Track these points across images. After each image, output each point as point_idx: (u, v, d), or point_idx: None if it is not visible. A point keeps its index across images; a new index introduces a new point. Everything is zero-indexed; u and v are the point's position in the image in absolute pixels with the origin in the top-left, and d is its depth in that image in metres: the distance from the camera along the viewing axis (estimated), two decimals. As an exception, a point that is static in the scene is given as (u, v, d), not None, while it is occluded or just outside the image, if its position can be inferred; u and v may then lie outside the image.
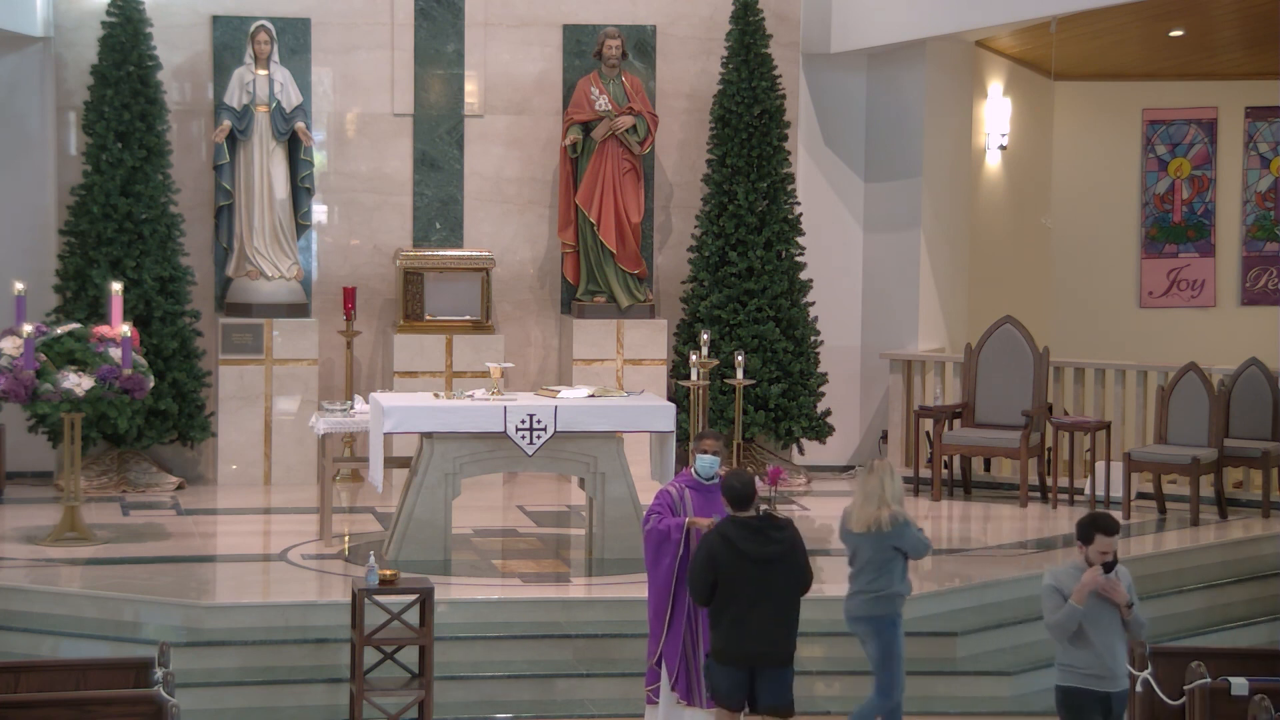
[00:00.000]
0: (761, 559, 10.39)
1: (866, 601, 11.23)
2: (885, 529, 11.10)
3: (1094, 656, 9.73)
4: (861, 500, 11.18)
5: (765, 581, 10.41)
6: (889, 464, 11.33)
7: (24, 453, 16.97)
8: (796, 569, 10.50)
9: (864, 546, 11.20)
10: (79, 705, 9.24)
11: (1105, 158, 20.02)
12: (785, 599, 10.48)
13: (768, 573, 10.40)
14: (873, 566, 11.17)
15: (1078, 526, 9.90)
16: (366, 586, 11.65)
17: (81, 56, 17.04)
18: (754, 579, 10.40)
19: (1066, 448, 16.75)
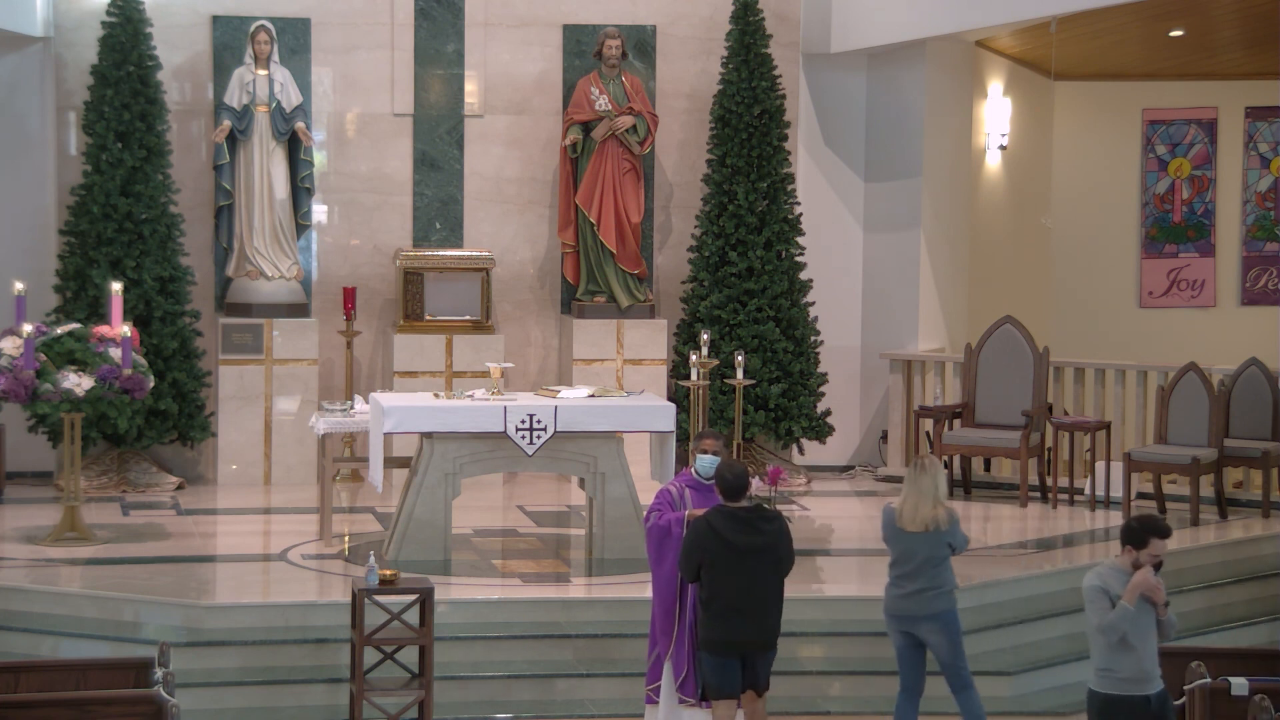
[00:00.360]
0: (748, 549, 10.54)
1: (930, 598, 11.25)
2: (943, 528, 11.13)
3: (1135, 660, 9.63)
4: (916, 499, 11.20)
5: (751, 571, 10.55)
6: (933, 460, 11.36)
7: (24, 453, 16.97)
8: (780, 558, 10.65)
9: (920, 546, 11.20)
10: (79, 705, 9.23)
11: (1105, 158, 20.02)
12: (772, 588, 10.66)
13: (753, 563, 10.55)
14: (930, 564, 11.22)
15: (1127, 530, 9.72)
16: (366, 586, 11.64)
17: (81, 56, 17.04)
18: (740, 569, 10.54)
19: (1066, 448, 16.75)
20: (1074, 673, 12.97)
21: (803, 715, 12.37)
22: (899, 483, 17.50)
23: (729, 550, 10.53)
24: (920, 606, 11.27)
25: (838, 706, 12.46)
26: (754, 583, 10.58)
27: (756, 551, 10.56)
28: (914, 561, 11.23)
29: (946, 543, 11.20)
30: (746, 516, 10.59)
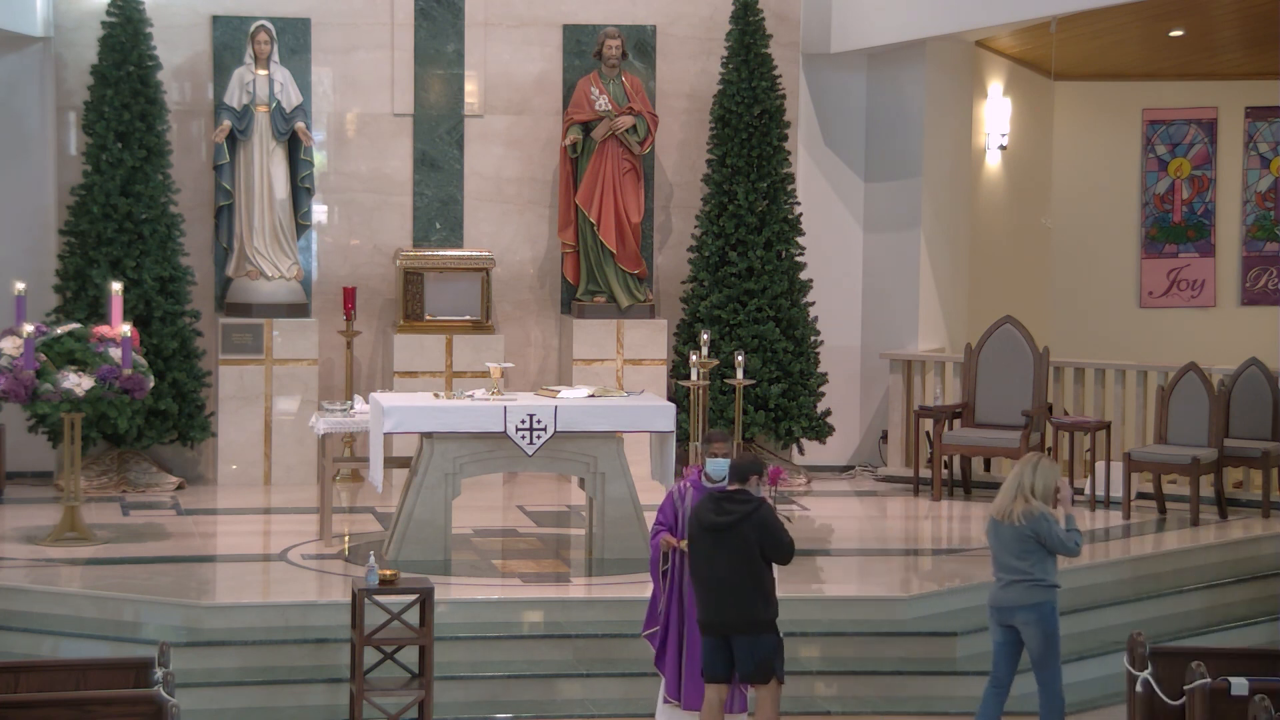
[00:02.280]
0: (712, 528, 10.74)
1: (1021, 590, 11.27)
2: (1018, 523, 11.14)
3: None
4: (1004, 488, 11.29)
5: (716, 550, 10.75)
6: (1042, 459, 11.35)
7: (24, 453, 16.97)
8: (750, 537, 10.71)
9: (1004, 537, 11.25)
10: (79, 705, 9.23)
11: (1105, 158, 20.02)
12: (739, 567, 10.74)
13: (718, 542, 10.74)
14: (1016, 556, 11.22)
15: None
16: (366, 586, 11.64)
17: (81, 56, 17.04)
18: (708, 548, 10.79)
19: (1066, 448, 16.75)
20: (1074, 672, 12.97)
21: (802, 715, 12.37)
22: (899, 483, 17.53)
23: (700, 529, 10.81)
24: (1012, 597, 11.30)
25: (838, 706, 12.46)
26: (719, 563, 10.76)
27: (719, 530, 10.73)
28: (1002, 553, 11.28)
29: (1030, 536, 11.18)
30: (720, 497, 10.79)
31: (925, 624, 13.09)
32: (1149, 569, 14.52)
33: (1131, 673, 10.43)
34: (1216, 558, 14.96)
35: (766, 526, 10.77)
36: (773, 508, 10.94)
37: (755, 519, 10.75)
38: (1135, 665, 10.42)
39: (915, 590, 13.46)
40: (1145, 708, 10.37)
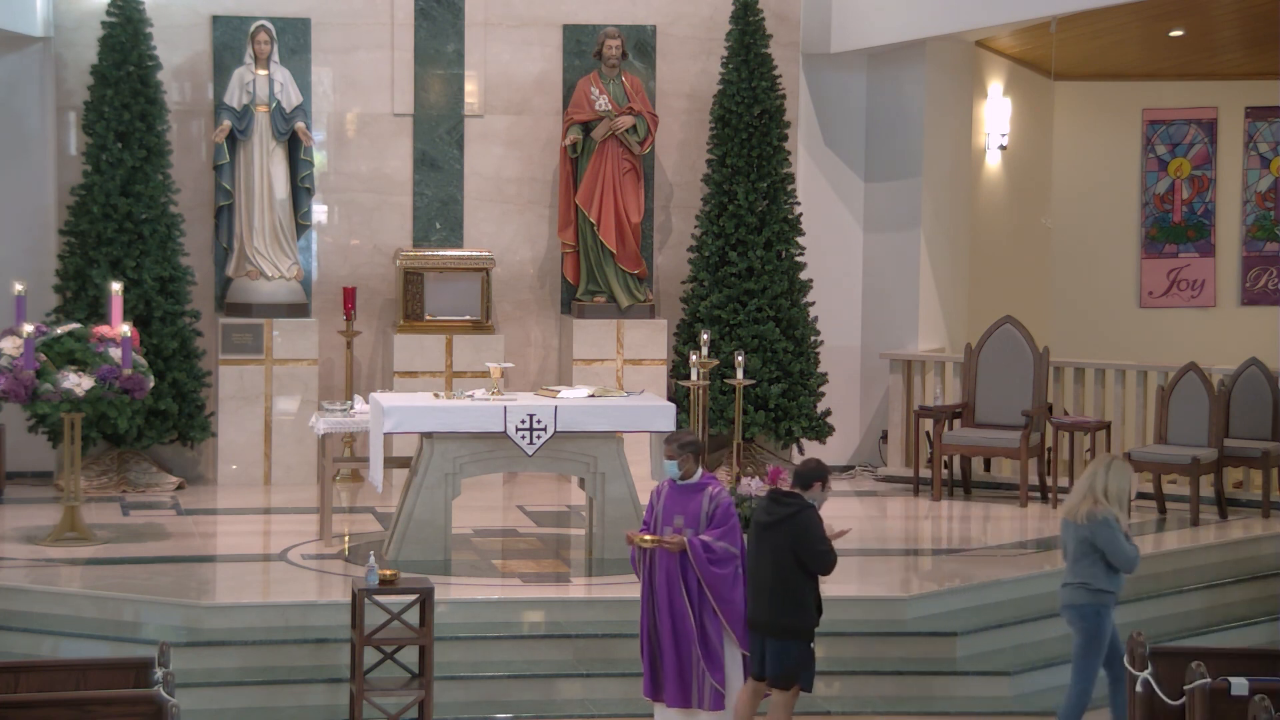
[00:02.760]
0: (760, 526, 10.92)
1: (1069, 591, 11.35)
2: (1081, 522, 11.15)
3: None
4: (1076, 487, 11.35)
5: (761, 549, 10.90)
6: (1116, 459, 11.36)
7: (24, 453, 16.97)
8: (785, 542, 10.79)
9: (1068, 535, 11.30)
10: (79, 705, 9.23)
11: (1105, 158, 20.02)
12: (774, 570, 10.84)
13: (762, 541, 10.89)
14: (1071, 557, 11.30)
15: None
16: (366, 586, 11.64)
17: (81, 56, 17.04)
18: (756, 545, 10.96)
19: (1066, 448, 16.75)
20: (1074, 673, 12.98)
21: (802, 715, 12.35)
22: (899, 483, 17.52)
23: (754, 526, 11.00)
24: (1064, 597, 11.39)
25: (838, 706, 12.46)
26: (764, 562, 10.91)
27: (764, 529, 10.88)
28: (1066, 552, 11.33)
29: (1088, 539, 11.17)
30: (772, 497, 10.96)
31: (925, 624, 13.09)
32: (1149, 569, 14.49)
33: (1131, 673, 10.42)
34: (1216, 558, 14.96)
35: (802, 533, 10.83)
36: (816, 515, 10.95)
37: (792, 523, 10.82)
38: (1135, 665, 10.41)
39: (915, 590, 13.46)
40: (1145, 708, 10.37)
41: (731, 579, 11.01)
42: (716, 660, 11.05)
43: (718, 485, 11.14)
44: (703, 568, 10.96)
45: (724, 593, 11.01)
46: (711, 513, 11.02)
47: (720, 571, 10.99)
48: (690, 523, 11.02)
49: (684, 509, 11.05)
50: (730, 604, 11.02)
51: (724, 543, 10.99)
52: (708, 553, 10.96)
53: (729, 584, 11.01)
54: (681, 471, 11.14)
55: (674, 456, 11.15)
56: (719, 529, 10.99)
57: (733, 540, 11.02)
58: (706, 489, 11.09)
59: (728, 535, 11.01)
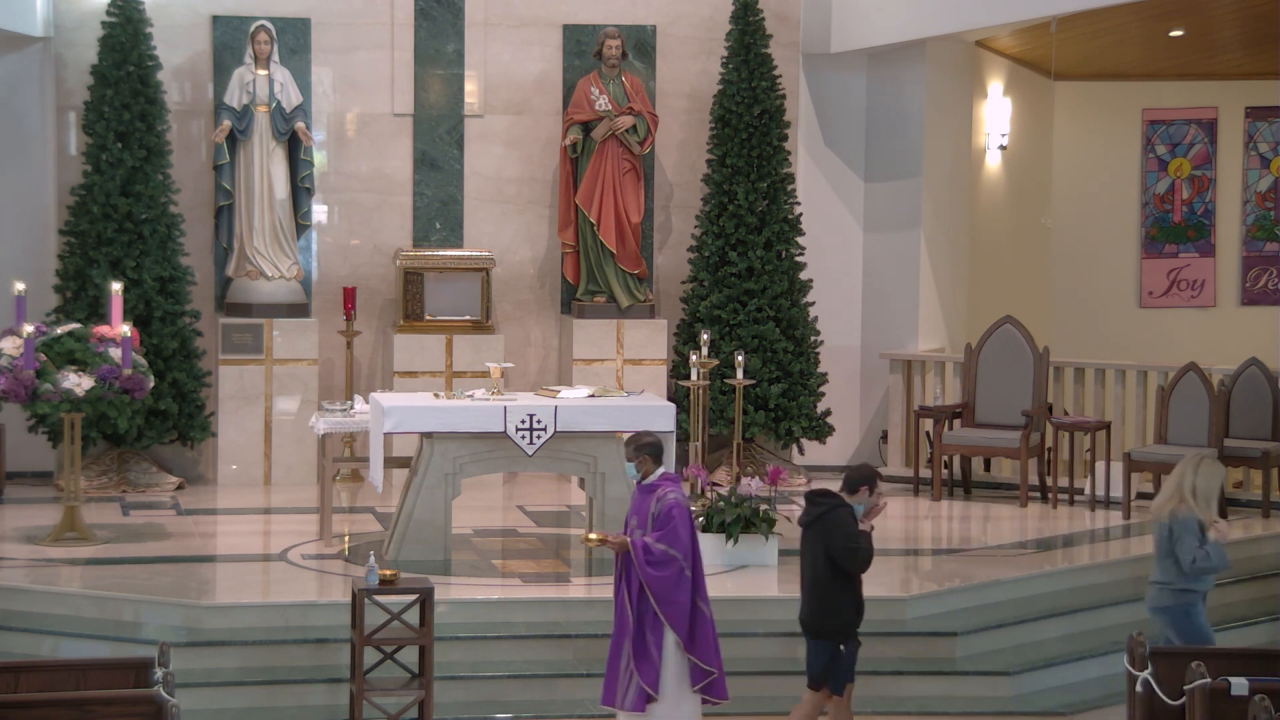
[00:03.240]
0: (801, 526, 11.08)
1: (1154, 593, 11.34)
2: (1165, 521, 11.16)
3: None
4: (1165, 486, 11.34)
5: (802, 550, 11.09)
6: (1205, 459, 11.33)
7: (24, 453, 16.97)
8: (819, 541, 10.91)
9: (1155, 536, 11.32)
10: (79, 705, 9.23)
11: (1105, 158, 20.02)
12: (811, 570, 11.00)
13: (803, 542, 11.07)
14: (1156, 556, 11.32)
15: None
16: (366, 586, 11.64)
17: (81, 56, 17.04)
18: (801, 545, 11.12)
19: (1066, 448, 16.75)
20: (1074, 673, 12.99)
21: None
22: (899, 483, 17.52)
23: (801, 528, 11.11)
24: (1149, 598, 11.39)
25: (838, 706, 12.45)
26: (803, 564, 11.10)
27: (803, 530, 11.04)
28: (1156, 551, 11.32)
29: (1168, 539, 11.17)
30: (807, 498, 11.09)
31: (925, 624, 13.09)
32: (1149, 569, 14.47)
33: (1131, 673, 10.42)
34: (1216, 558, 14.95)
35: (832, 531, 10.89)
36: (850, 513, 10.97)
37: (824, 522, 10.91)
38: (1135, 665, 10.41)
39: (915, 590, 13.46)
40: (1145, 708, 10.37)
41: (672, 581, 10.83)
42: (650, 662, 10.85)
43: (671, 486, 10.98)
44: (641, 569, 10.86)
45: (664, 595, 10.84)
46: (657, 514, 10.91)
47: (657, 573, 10.83)
48: (642, 524, 10.94)
49: (639, 510, 11.03)
50: (672, 606, 10.84)
51: (663, 545, 10.82)
52: (646, 555, 10.84)
53: (669, 586, 10.83)
54: (640, 473, 11.08)
55: (632, 459, 11.10)
56: (659, 531, 10.88)
57: (672, 542, 10.83)
58: (656, 490, 10.99)
59: (667, 537, 10.83)
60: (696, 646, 10.88)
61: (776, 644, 12.82)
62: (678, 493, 10.96)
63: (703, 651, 10.89)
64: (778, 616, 12.97)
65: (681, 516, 10.88)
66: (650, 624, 10.87)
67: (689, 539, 10.92)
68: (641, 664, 10.86)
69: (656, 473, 11.06)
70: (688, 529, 10.92)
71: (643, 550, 10.85)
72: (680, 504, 10.90)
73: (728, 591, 13.28)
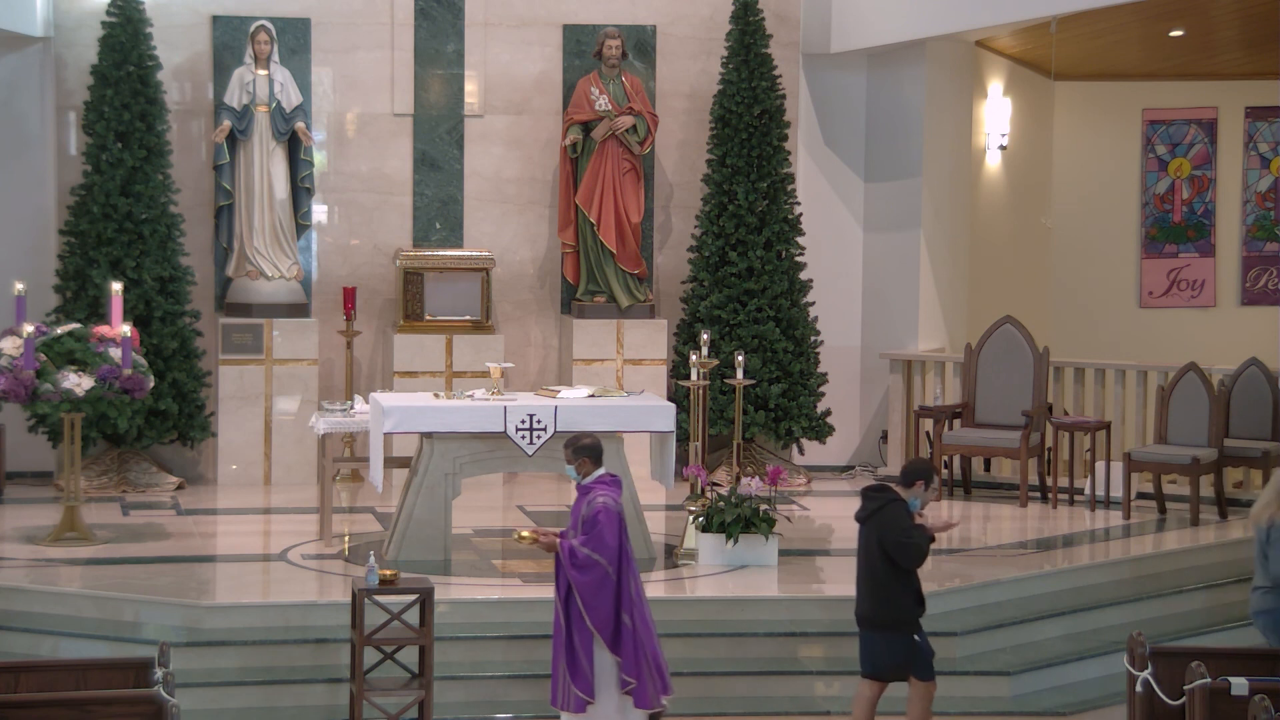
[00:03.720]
0: (858, 519, 11.23)
1: (1256, 596, 11.37)
2: (1262, 525, 11.15)
3: None
4: (1264, 492, 11.38)
5: (858, 545, 11.23)
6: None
7: (24, 453, 16.97)
8: (873, 535, 11.07)
9: (1257, 538, 11.32)
10: (79, 705, 9.23)
11: (1105, 158, 20.02)
12: (866, 564, 11.14)
13: (859, 537, 11.22)
14: (1256, 561, 11.34)
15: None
16: (366, 586, 11.64)
17: (81, 56, 17.04)
18: (857, 541, 11.28)
19: (1066, 448, 16.75)
20: (1074, 673, 12.99)
21: (803, 715, 12.38)
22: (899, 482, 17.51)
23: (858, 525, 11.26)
24: (1251, 604, 11.42)
25: (838, 707, 12.45)
26: (859, 556, 11.23)
27: (859, 525, 11.19)
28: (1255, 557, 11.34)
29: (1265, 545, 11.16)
30: (862, 493, 11.26)
31: (925, 624, 13.03)
32: (1149, 569, 14.52)
33: (1131, 673, 10.42)
34: (1216, 558, 14.96)
35: (886, 525, 11.04)
36: (904, 508, 11.10)
37: (879, 516, 11.06)
38: (1135, 665, 10.42)
39: (915, 590, 13.44)
40: (1145, 708, 10.37)
41: (596, 586, 10.81)
42: (581, 668, 10.86)
43: (604, 490, 10.96)
44: (567, 571, 10.88)
45: (589, 598, 10.83)
46: (586, 517, 10.92)
47: (581, 577, 10.82)
48: (575, 526, 10.98)
49: (575, 511, 11.09)
50: (596, 610, 10.82)
51: (587, 550, 10.82)
52: (571, 558, 10.85)
53: (594, 590, 10.81)
54: (580, 475, 11.10)
55: (571, 461, 11.14)
56: (585, 534, 10.88)
57: (596, 546, 10.80)
58: (589, 492, 10.98)
59: (592, 541, 10.81)
60: (620, 653, 10.86)
61: (776, 644, 12.82)
62: (609, 496, 10.92)
63: (624, 660, 10.85)
64: (778, 616, 12.98)
65: (608, 521, 10.84)
66: (578, 626, 10.88)
67: (616, 544, 10.86)
68: (573, 668, 10.89)
69: (595, 474, 11.07)
70: (615, 533, 10.86)
71: (568, 553, 10.87)
72: (609, 508, 10.86)
73: (728, 591, 13.29)
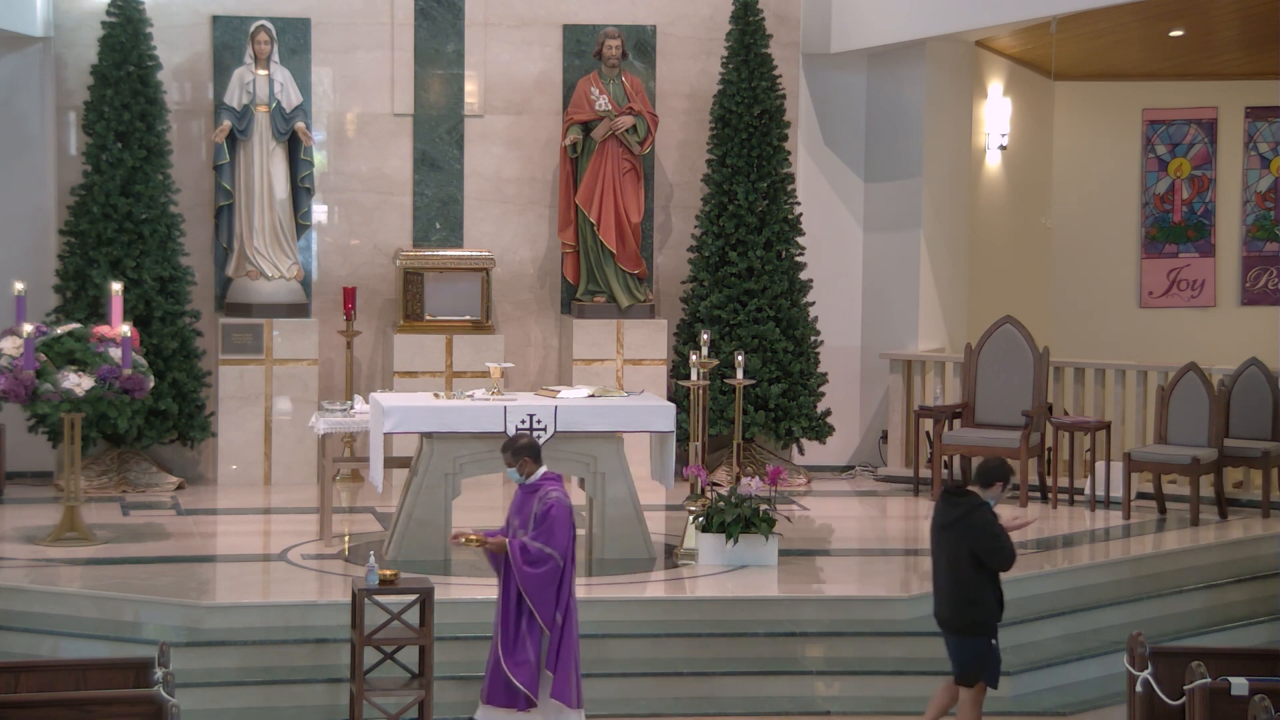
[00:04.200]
0: (938, 527, 11.25)
1: None
2: None
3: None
4: None
5: (938, 550, 11.27)
6: None
7: (24, 453, 16.97)
8: (960, 541, 11.09)
9: None
10: (79, 705, 9.23)
11: (1105, 158, 20.02)
12: (949, 569, 11.16)
13: (939, 542, 11.23)
14: None
15: None
16: (366, 586, 11.64)
17: (81, 56, 17.04)
18: (935, 546, 11.32)
19: (1066, 448, 16.75)
20: (1074, 673, 12.99)
21: (803, 715, 12.38)
22: (899, 483, 17.53)
23: (933, 528, 11.34)
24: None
25: (838, 707, 12.46)
26: (940, 562, 11.25)
27: (942, 530, 11.19)
28: None
29: None
30: (947, 497, 11.25)
31: (925, 624, 13.05)
32: (1149, 569, 14.51)
33: (1131, 673, 10.43)
34: (1216, 558, 14.96)
35: (976, 531, 11.08)
36: (990, 512, 11.15)
37: (967, 522, 11.09)
38: (1135, 665, 10.42)
39: (915, 590, 13.45)
40: (1145, 708, 10.37)
41: (546, 580, 10.97)
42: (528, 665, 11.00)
43: (553, 485, 11.12)
44: (518, 568, 10.99)
45: (537, 594, 10.98)
46: (538, 513, 11.04)
47: (533, 571, 10.96)
48: (524, 524, 11.07)
49: (521, 510, 11.16)
50: (543, 606, 11.00)
51: (539, 543, 10.96)
52: (524, 554, 10.98)
53: (542, 586, 10.97)
54: (523, 475, 11.19)
55: (511, 463, 11.24)
56: (538, 529, 10.98)
57: (549, 540, 10.97)
58: (539, 490, 11.11)
59: (543, 535, 10.97)
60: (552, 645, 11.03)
61: (776, 644, 12.82)
62: (560, 492, 11.09)
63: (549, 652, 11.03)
64: (778, 616, 12.98)
65: (561, 515, 11.00)
66: (528, 626, 11.00)
67: (567, 540, 11.02)
68: (519, 667, 11.00)
69: (538, 472, 11.21)
70: (566, 528, 11.02)
71: (520, 550, 10.99)
72: (561, 503, 11.02)
73: (728, 591, 13.29)
